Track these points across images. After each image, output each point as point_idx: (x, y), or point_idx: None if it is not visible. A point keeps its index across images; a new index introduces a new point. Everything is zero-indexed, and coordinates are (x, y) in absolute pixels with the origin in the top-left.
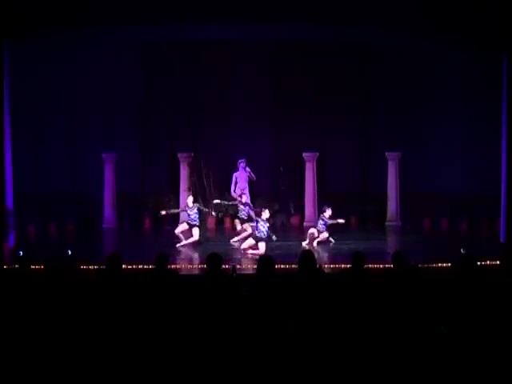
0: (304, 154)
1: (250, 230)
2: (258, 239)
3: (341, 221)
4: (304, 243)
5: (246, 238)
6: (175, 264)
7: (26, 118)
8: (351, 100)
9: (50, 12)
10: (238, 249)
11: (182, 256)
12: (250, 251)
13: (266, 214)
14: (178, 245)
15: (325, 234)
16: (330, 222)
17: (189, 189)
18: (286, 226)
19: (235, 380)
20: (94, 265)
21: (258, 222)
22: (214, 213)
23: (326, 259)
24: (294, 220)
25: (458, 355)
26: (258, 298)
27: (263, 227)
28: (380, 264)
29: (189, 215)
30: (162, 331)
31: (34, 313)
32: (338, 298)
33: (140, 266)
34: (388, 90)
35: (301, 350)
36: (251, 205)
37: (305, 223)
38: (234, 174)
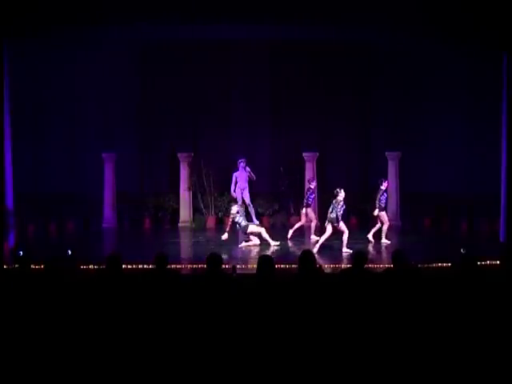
0: (304, 154)
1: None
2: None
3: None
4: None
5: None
6: (176, 264)
7: (26, 118)
8: (351, 100)
9: (50, 12)
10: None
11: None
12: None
13: (342, 194)
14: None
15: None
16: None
17: (189, 188)
18: (286, 226)
19: (235, 379)
20: (94, 265)
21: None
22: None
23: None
24: (294, 220)
25: (458, 355)
26: (258, 298)
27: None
28: (380, 264)
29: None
30: (162, 331)
31: (34, 313)
32: (338, 298)
33: (140, 266)
34: (388, 89)
35: (301, 349)
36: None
37: (305, 223)
38: (234, 174)
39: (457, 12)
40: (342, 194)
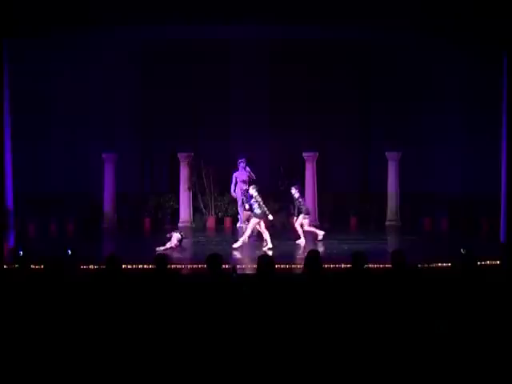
0: (304, 154)
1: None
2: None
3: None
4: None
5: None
6: (176, 264)
7: (26, 118)
8: (351, 100)
9: (49, 12)
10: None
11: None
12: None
13: (251, 190)
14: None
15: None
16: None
17: (189, 188)
18: (286, 226)
19: (236, 380)
20: (94, 265)
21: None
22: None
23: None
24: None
25: (458, 355)
26: (259, 299)
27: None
28: (380, 264)
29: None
30: (161, 331)
31: (34, 313)
32: (338, 298)
33: (140, 266)
34: (388, 89)
35: (301, 350)
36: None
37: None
38: (234, 174)
39: (457, 11)
40: (251, 191)
